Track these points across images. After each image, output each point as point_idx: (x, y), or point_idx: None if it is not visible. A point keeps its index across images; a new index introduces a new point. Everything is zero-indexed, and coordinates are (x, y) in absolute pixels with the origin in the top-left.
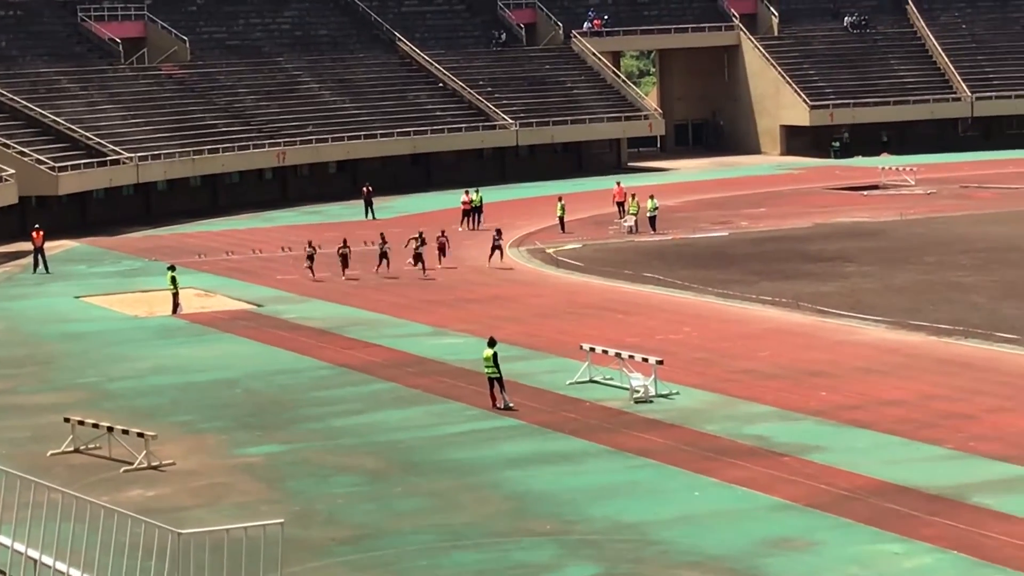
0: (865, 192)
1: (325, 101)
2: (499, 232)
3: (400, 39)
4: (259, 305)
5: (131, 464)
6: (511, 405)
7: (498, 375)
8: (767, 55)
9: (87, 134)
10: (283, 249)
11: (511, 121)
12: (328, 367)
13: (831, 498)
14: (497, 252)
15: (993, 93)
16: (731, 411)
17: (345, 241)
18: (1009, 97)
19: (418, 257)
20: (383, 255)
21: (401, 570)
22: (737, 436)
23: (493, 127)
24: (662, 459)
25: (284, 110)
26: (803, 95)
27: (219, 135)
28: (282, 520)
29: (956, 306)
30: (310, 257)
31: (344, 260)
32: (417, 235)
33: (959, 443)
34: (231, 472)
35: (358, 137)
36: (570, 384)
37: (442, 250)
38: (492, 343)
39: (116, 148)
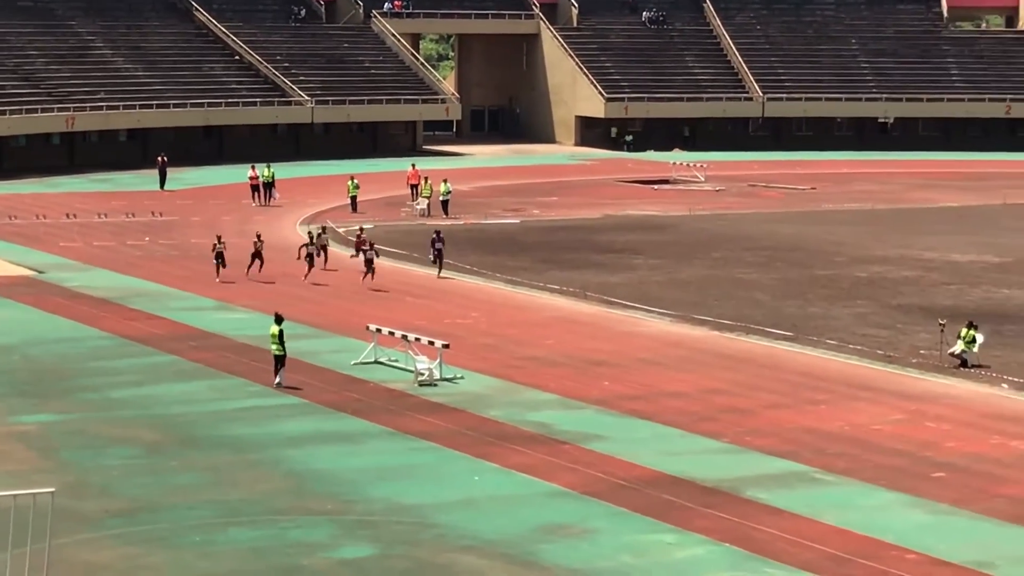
0: (656, 186)
1: (118, 68)
2: (371, 245)
3: (197, 9)
4: (40, 272)
5: None
6: (282, 383)
7: (282, 353)
8: (565, 45)
9: None
10: (68, 216)
11: (307, 98)
12: (109, 337)
13: (608, 487)
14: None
15: (784, 95)
16: (514, 397)
17: (219, 238)
18: (799, 99)
19: (311, 259)
20: (256, 255)
21: (175, 545)
22: (519, 422)
23: (289, 103)
24: (443, 443)
25: (75, 75)
26: (599, 87)
27: (6, 97)
28: (53, 489)
29: (739, 302)
30: (219, 255)
31: (221, 259)
32: (310, 239)
33: (736, 437)
34: (4, 440)
35: (150, 106)
36: (355, 364)
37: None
38: (279, 320)
39: None
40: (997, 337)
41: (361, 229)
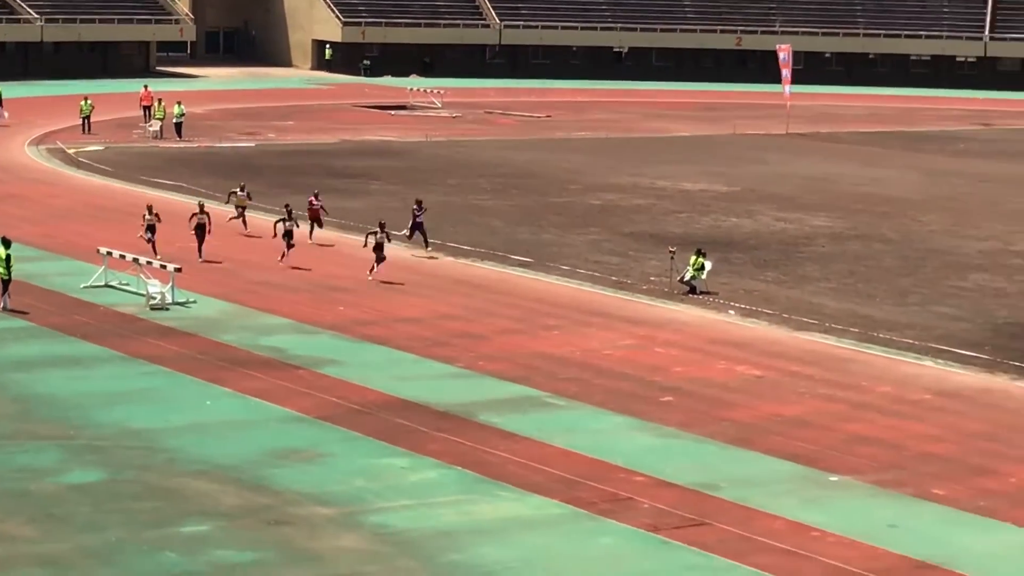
0: (393, 112)
1: None
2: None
3: None
4: None
5: None
6: (8, 306)
7: (8, 276)
8: None
9: None
10: None
11: (36, 16)
12: None
13: (342, 411)
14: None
15: (521, 23)
16: (248, 322)
17: (202, 206)
18: (536, 27)
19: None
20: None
21: None
22: (252, 347)
23: (17, 21)
24: (175, 367)
25: None
26: (336, 11)
27: None
28: None
29: (475, 228)
30: (150, 228)
31: (201, 232)
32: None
33: (469, 362)
34: None
35: None
36: (84, 288)
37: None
38: (6, 243)
39: None
40: (725, 264)
41: (287, 206)
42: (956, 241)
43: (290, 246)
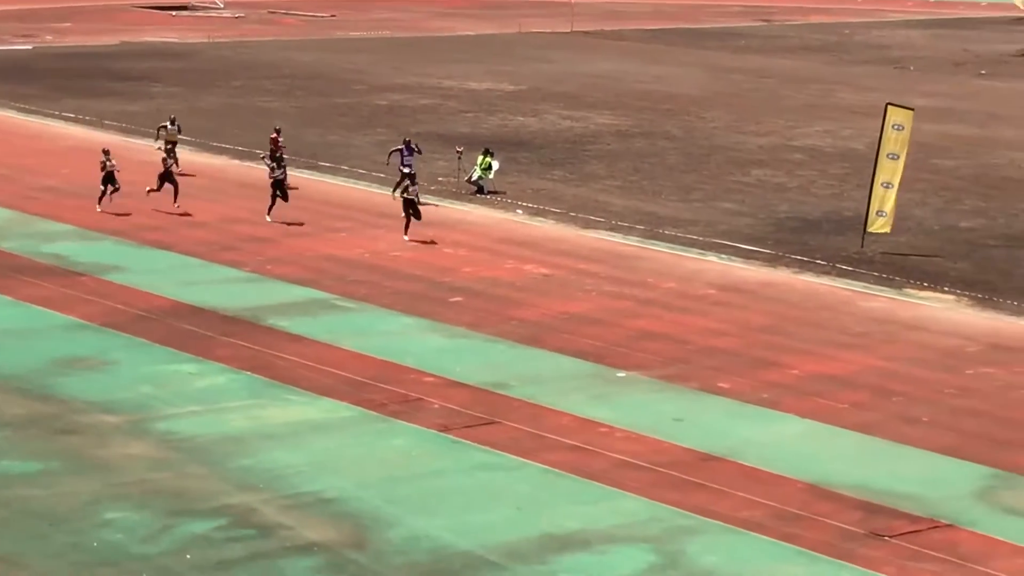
0: (174, 12)
1: None
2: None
3: None
4: None
5: None
6: None
7: None
8: None
9: None
10: None
11: None
12: None
13: (128, 318)
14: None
15: None
16: (29, 229)
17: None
18: None
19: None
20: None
21: None
22: (34, 254)
23: None
24: None
25: None
26: None
27: None
28: None
29: (260, 131)
30: (109, 177)
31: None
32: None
33: (257, 266)
34: None
35: None
36: None
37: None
38: None
39: None
40: (512, 164)
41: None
42: (738, 137)
43: (275, 197)
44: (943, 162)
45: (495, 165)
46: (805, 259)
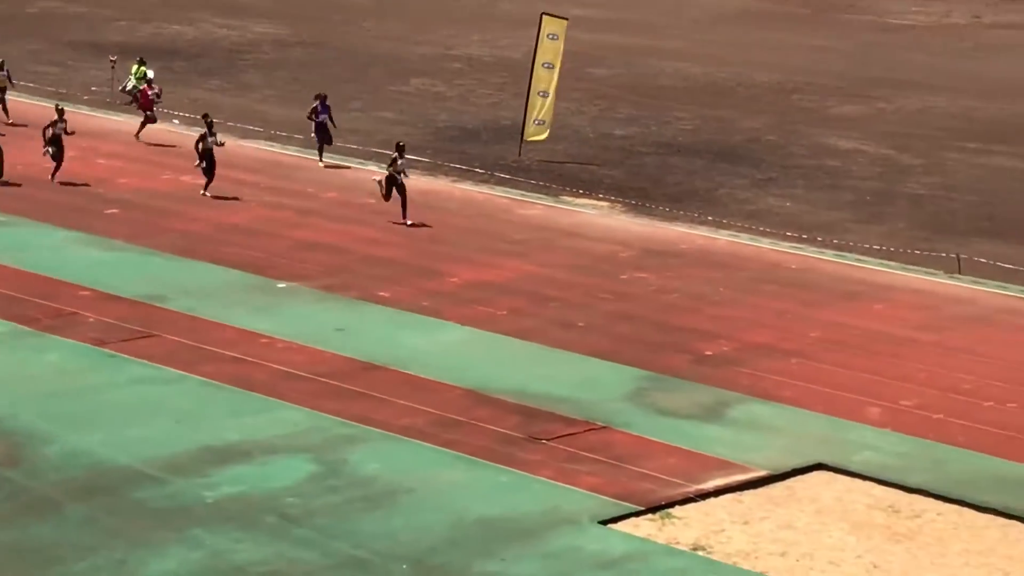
0: None
1: None
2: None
3: None
4: None
5: None
6: None
7: None
8: None
9: None
10: None
11: None
12: None
13: None
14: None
15: None
16: None
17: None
18: None
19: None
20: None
21: None
22: None
23: None
24: None
25: None
26: None
27: None
28: None
29: None
30: (55, 140)
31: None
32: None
33: None
34: None
35: None
36: None
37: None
38: None
39: None
40: (168, 73)
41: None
42: (399, 47)
43: (207, 173)
44: (598, 71)
45: (150, 74)
46: (464, 168)
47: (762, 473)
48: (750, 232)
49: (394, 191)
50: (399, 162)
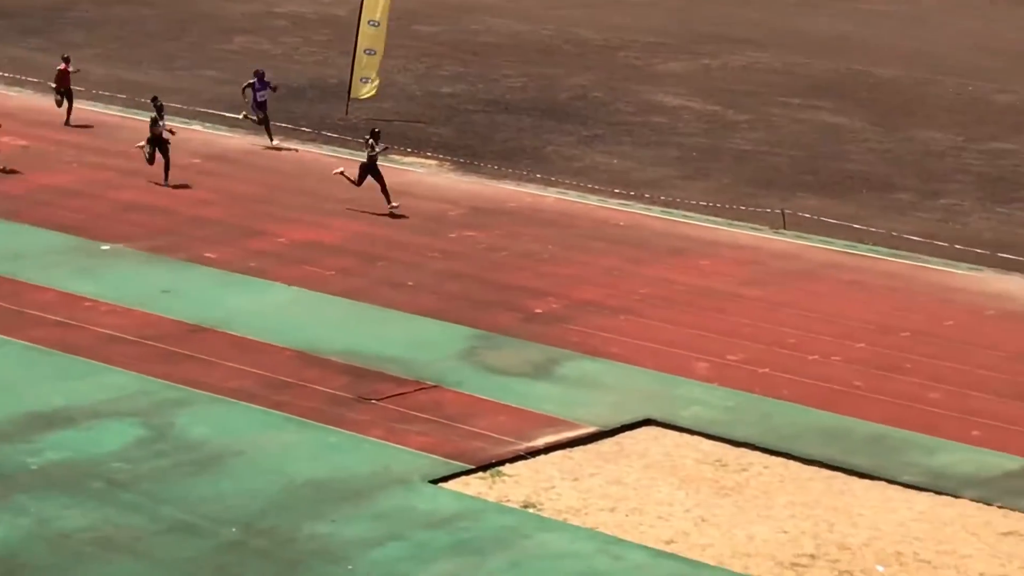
0: None
1: None
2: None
3: None
4: None
5: None
6: None
7: None
8: None
9: None
10: None
11: None
12: None
13: None
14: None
15: None
16: None
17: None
18: None
19: None
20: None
21: None
22: None
23: None
24: None
25: None
26: None
27: None
28: None
29: None
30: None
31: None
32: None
33: None
34: None
35: None
36: None
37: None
38: None
39: None
40: None
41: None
42: (222, 4)
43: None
44: (424, 28)
45: None
46: (291, 127)
47: (591, 429)
48: (578, 189)
49: (368, 177)
50: (376, 148)
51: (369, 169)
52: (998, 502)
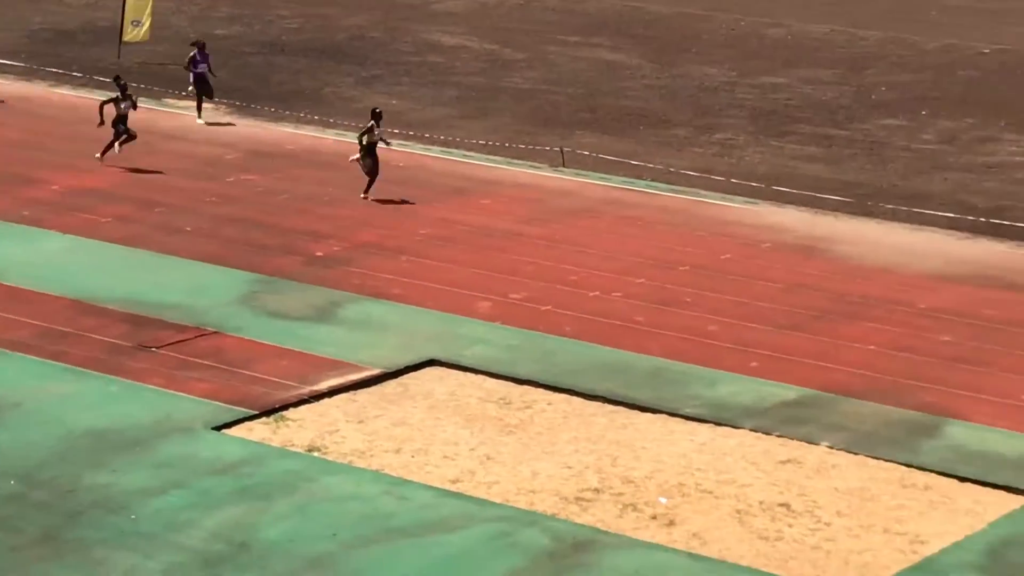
0: None
1: None
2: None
3: None
4: None
5: None
6: None
7: None
8: None
9: None
10: None
11: None
12: None
13: None
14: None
15: None
16: None
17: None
18: None
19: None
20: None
21: None
22: None
23: None
24: None
25: None
26: None
27: None
28: None
29: None
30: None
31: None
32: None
33: None
34: None
35: None
36: None
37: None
38: None
39: None
40: None
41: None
42: None
43: (121, 136)
44: None
45: None
46: (61, 72)
47: (375, 372)
48: (356, 130)
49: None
50: (376, 131)
51: (370, 151)
52: (776, 431)
